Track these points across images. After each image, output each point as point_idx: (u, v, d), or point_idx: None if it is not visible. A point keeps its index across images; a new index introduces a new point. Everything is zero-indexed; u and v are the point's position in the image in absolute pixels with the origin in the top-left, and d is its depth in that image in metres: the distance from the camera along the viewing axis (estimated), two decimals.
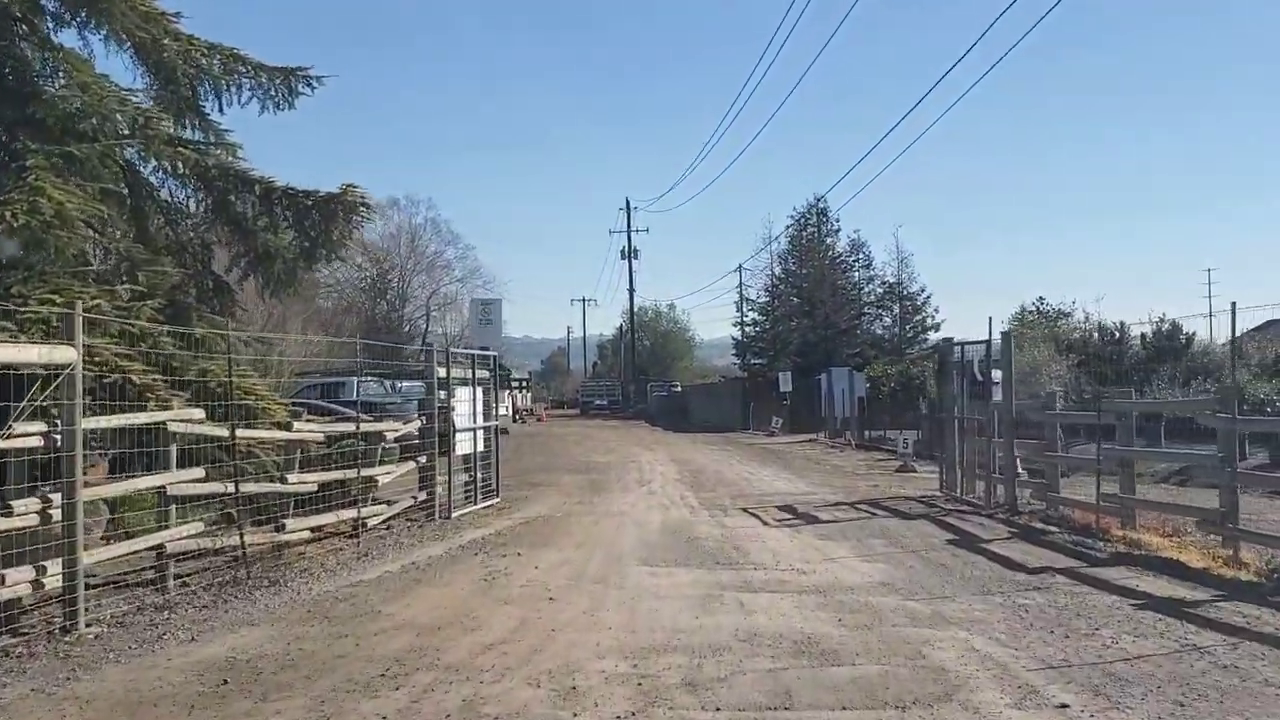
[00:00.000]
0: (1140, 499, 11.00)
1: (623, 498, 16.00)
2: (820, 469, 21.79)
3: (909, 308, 57.85)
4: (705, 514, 13.60)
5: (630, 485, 18.21)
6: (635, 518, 13.38)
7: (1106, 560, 9.40)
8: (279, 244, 14.84)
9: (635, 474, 20.73)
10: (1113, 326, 25.51)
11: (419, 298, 76.37)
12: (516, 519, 13.46)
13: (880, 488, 16.88)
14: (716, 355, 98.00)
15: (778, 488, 17.28)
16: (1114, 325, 25.10)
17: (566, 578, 9.05)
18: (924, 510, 13.45)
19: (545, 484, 18.70)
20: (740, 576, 8.95)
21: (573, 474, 21.01)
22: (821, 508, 14.02)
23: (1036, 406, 13.31)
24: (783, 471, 20.95)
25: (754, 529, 12.04)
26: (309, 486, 10.95)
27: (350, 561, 10.25)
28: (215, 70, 14.96)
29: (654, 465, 23.07)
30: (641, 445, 32.30)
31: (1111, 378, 26.75)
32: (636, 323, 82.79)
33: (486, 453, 15.20)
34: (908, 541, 10.79)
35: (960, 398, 14.22)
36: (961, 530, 11.52)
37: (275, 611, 7.94)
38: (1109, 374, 27.47)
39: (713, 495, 16.07)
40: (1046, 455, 12.67)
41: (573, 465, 23.57)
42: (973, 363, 13.83)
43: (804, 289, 59.98)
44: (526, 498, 16.14)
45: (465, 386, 14.32)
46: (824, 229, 62.64)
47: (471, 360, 14.41)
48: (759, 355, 64.30)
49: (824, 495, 15.75)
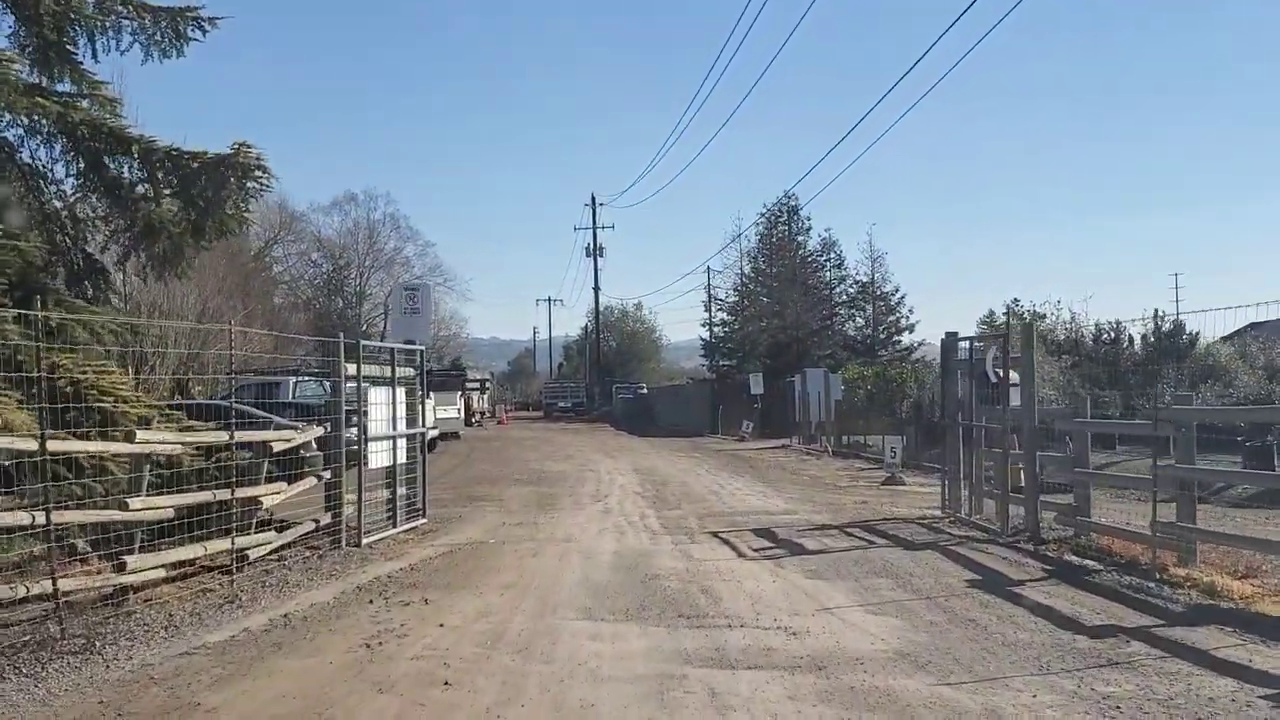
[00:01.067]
0: (1207, 530, 8.89)
1: (573, 517, 13.73)
2: (797, 480, 19.63)
3: (883, 308, 56.02)
4: (668, 540, 11.37)
5: (584, 500, 15.94)
6: (584, 545, 11.12)
7: (1186, 615, 7.26)
8: (163, 215, 12.44)
9: (592, 486, 18.46)
10: (1108, 326, 23.54)
11: (377, 295, 73.67)
12: (440, 546, 11.15)
13: (869, 505, 14.72)
14: (684, 357, 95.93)
15: (752, 504, 15.08)
16: (1109, 325, 23.14)
17: (478, 643, 6.77)
18: (928, 536, 11.29)
19: (487, 498, 16.39)
20: (711, 640, 6.72)
21: (522, 485, 18.71)
22: (806, 532, 11.82)
23: (1064, 413, 11.20)
24: (756, 483, 18.76)
25: (727, 562, 9.81)
26: (163, 512, 8.60)
27: (209, 610, 7.92)
28: (87, 9, 12.57)
29: (614, 475, 20.80)
30: (603, 451, 30.02)
31: (1106, 380, 24.86)
32: (602, 323, 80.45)
33: (411, 465, 12.88)
34: (920, 583, 8.61)
35: (968, 402, 12.09)
36: (982, 567, 9.35)
37: (53, 702, 5.61)
38: (1102, 376, 25.59)
39: (678, 514, 13.84)
40: (1077, 472, 10.55)
41: (524, 475, 21.26)
42: (984, 361, 11.70)
43: (774, 288, 58.07)
44: (460, 517, 13.82)
45: (382, 387, 12.00)
46: (794, 227, 60.84)
47: (391, 355, 12.08)
48: (728, 356, 62.36)
49: (807, 514, 13.56)
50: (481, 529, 12.57)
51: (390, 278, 74.67)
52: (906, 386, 35.42)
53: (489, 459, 27.14)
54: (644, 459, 26.14)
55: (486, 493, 17.33)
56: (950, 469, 12.68)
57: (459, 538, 11.84)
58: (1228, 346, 24.16)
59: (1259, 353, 24.06)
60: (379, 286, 73.73)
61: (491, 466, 24.12)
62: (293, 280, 70.05)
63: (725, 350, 62.84)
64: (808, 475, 20.84)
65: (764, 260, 60.90)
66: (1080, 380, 24.50)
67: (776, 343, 55.12)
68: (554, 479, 20.09)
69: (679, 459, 26.15)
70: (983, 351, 11.93)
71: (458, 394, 31.87)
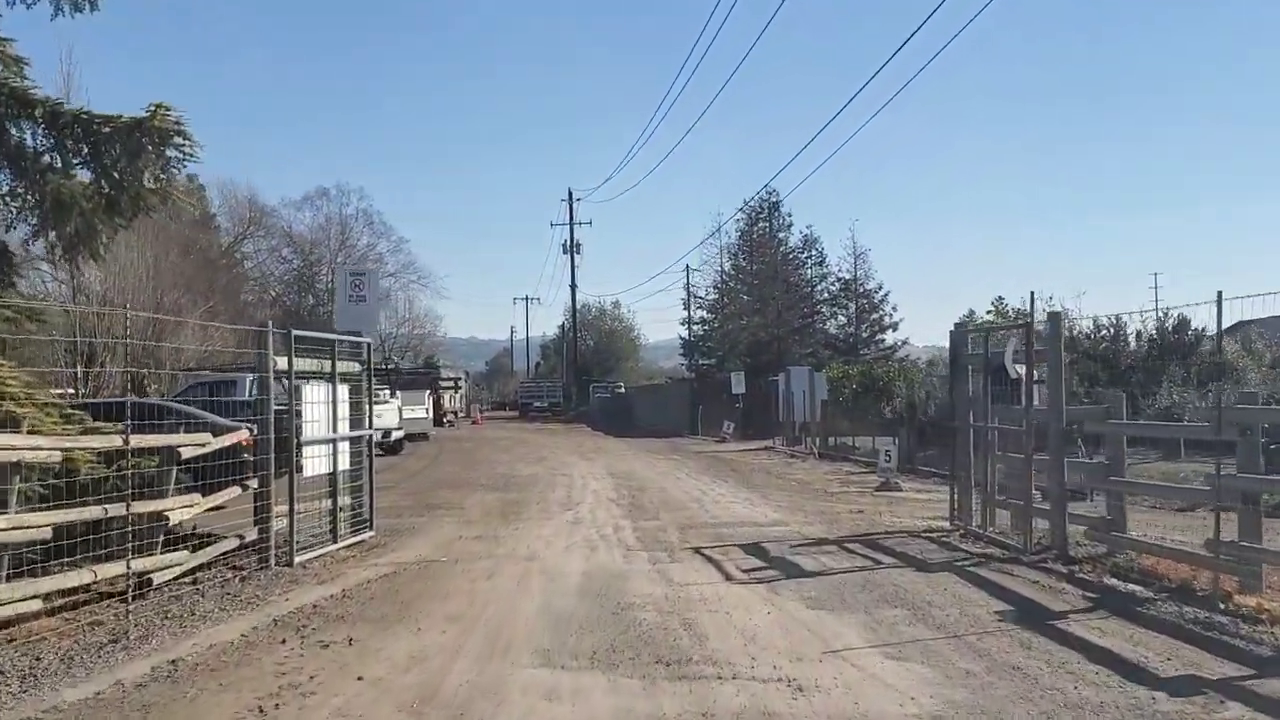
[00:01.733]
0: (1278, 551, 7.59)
1: (540, 529, 12.33)
2: (784, 485, 18.30)
3: (865, 306, 54.81)
4: (644, 558, 9.98)
5: (553, 509, 14.54)
6: (549, 563, 9.72)
7: (1278, 661, 5.95)
8: (73, 190, 10.94)
9: (563, 492, 17.05)
10: (1107, 322, 22.34)
11: None
12: (384, 565, 9.73)
13: (865, 514, 13.39)
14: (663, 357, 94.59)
15: (737, 513, 13.72)
16: (1108, 320, 21.92)
17: (402, 705, 5.37)
18: (941, 554, 9.95)
19: (447, 507, 14.96)
20: (697, 699, 5.35)
21: (487, 491, 17.28)
22: (800, 548, 10.47)
23: (1095, 413, 9.91)
24: (740, 489, 17.41)
25: (713, 587, 8.44)
26: (38, 532, 7.14)
27: (85, 653, 6.48)
28: None
29: (587, 480, 19.40)
30: (578, 453, 28.61)
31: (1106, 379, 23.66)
32: (580, 321, 78.89)
33: (357, 471, 11.45)
34: (942, 615, 7.27)
35: (981, 401, 10.77)
36: (1012, 594, 8.02)
37: None
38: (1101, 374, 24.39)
39: (656, 525, 12.47)
40: (1112, 481, 9.25)
41: (491, 479, 19.83)
42: (1003, 355, 10.38)
43: (754, 286, 56.83)
44: (414, 528, 12.39)
45: (320, 383, 10.56)
46: (776, 223, 59.68)
47: (331, 348, 10.62)
48: (707, 355, 61.07)
49: (799, 526, 12.22)
50: (434, 544, 11.15)
51: None
52: (893, 386, 34.26)
53: (457, 461, 25.68)
54: (621, 462, 24.76)
55: (448, 500, 15.89)
56: (960, 475, 11.36)
57: (407, 555, 10.41)
58: (1232, 343, 23.01)
59: (1265, 349, 22.96)
60: None
61: (458, 470, 22.68)
62: (263, 277, 68.25)
63: (705, 349, 61.57)
64: (795, 480, 19.51)
65: (744, 257, 59.67)
66: (1079, 379, 23.29)
67: (757, 341, 53.92)
68: (523, 484, 18.66)
69: (658, 461, 24.78)
70: (1001, 344, 10.61)
71: (426, 393, 30.37)
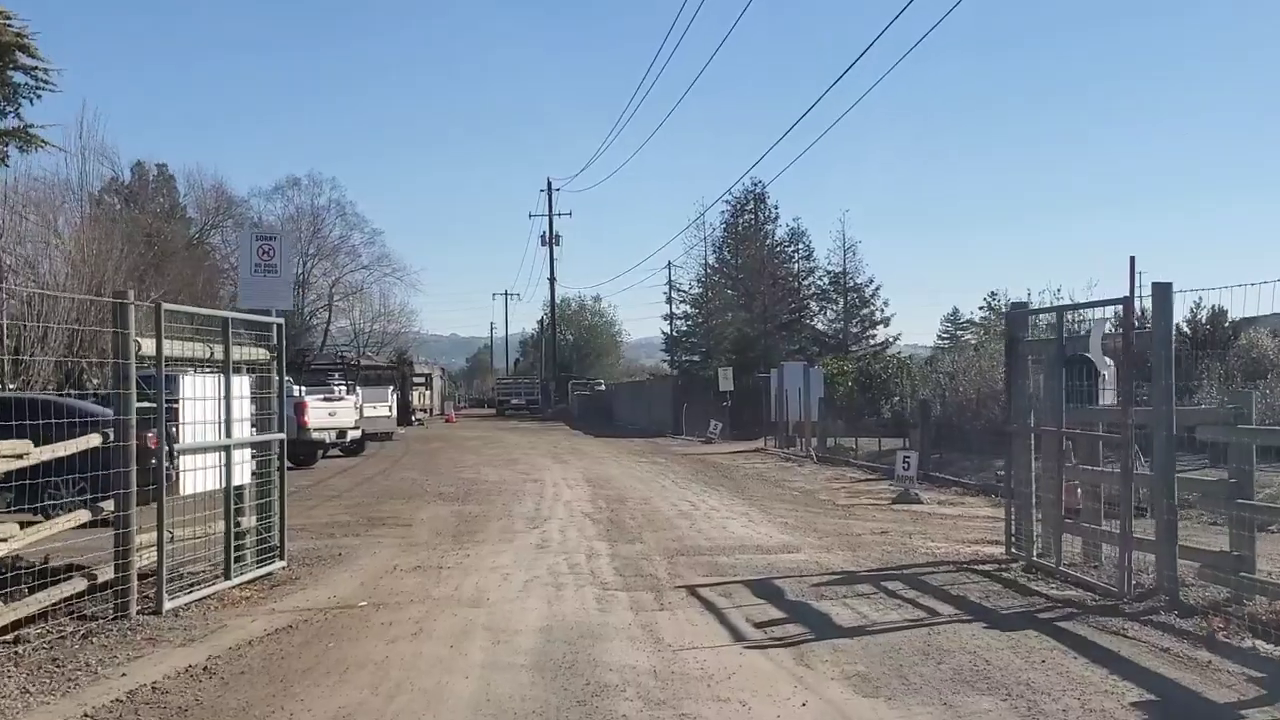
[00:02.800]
0: None
1: (496, 555, 10.00)
2: (785, 495, 16.04)
3: (855, 300, 52.67)
4: (625, 602, 7.68)
5: (517, 527, 12.22)
6: (499, 613, 7.40)
7: None
8: None
9: (531, 503, 14.72)
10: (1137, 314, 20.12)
11: (320, 286, 69.15)
12: (282, 614, 7.38)
13: (891, 535, 11.13)
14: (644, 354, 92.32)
15: (736, 533, 11.45)
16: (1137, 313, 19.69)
17: None
18: (1012, 599, 7.68)
19: (393, 522, 12.61)
20: None
21: (444, 502, 14.94)
22: (825, 585, 8.19)
23: (1217, 415, 7.66)
24: (736, 500, 15.12)
25: (717, 655, 6.13)
26: None
27: None
28: None
29: (560, 488, 17.08)
30: (552, 455, 26.27)
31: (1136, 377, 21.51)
32: (560, 316, 76.47)
33: (264, 486, 9.09)
34: (1057, 710, 4.99)
35: (1055, 398, 8.50)
36: (1141, 669, 5.74)
37: None
38: None
39: (639, 551, 10.17)
40: (1240, 505, 7.00)
41: (453, 486, 17.48)
42: (1084, 341, 8.14)
43: (740, 279, 54.64)
44: (341, 555, 10.05)
45: (206, 375, 8.19)
46: (762, 215, 57.53)
47: (224, 328, 8.23)
48: (691, 351, 58.86)
49: (815, 553, 9.94)
50: (359, 578, 8.81)
51: (335, 267, 70.32)
52: (891, 383, 32.12)
53: (419, 464, 23.31)
54: (599, 465, 22.44)
55: (396, 513, 13.54)
56: (1019, 492, 9.10)
57: (319, 595, 8.07)
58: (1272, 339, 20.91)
59: None
60: (323, 276, 69.28)
61: (418, 474, 20.32)
62: (232, 269, 65.56)
63: (688, 345, 59.37)
64: (795, 488, 17.26)
65: (729, 250, 57.48)
66: None
67: (743, 337, 51.79)
68: (487, 492, 16.32)
69: (640, 465, 22.48)
70: (1076, 328, 8.36)
71: (390, 390, 27.94)
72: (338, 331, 70.90)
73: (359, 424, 24.08)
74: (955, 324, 69.33)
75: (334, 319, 70.00)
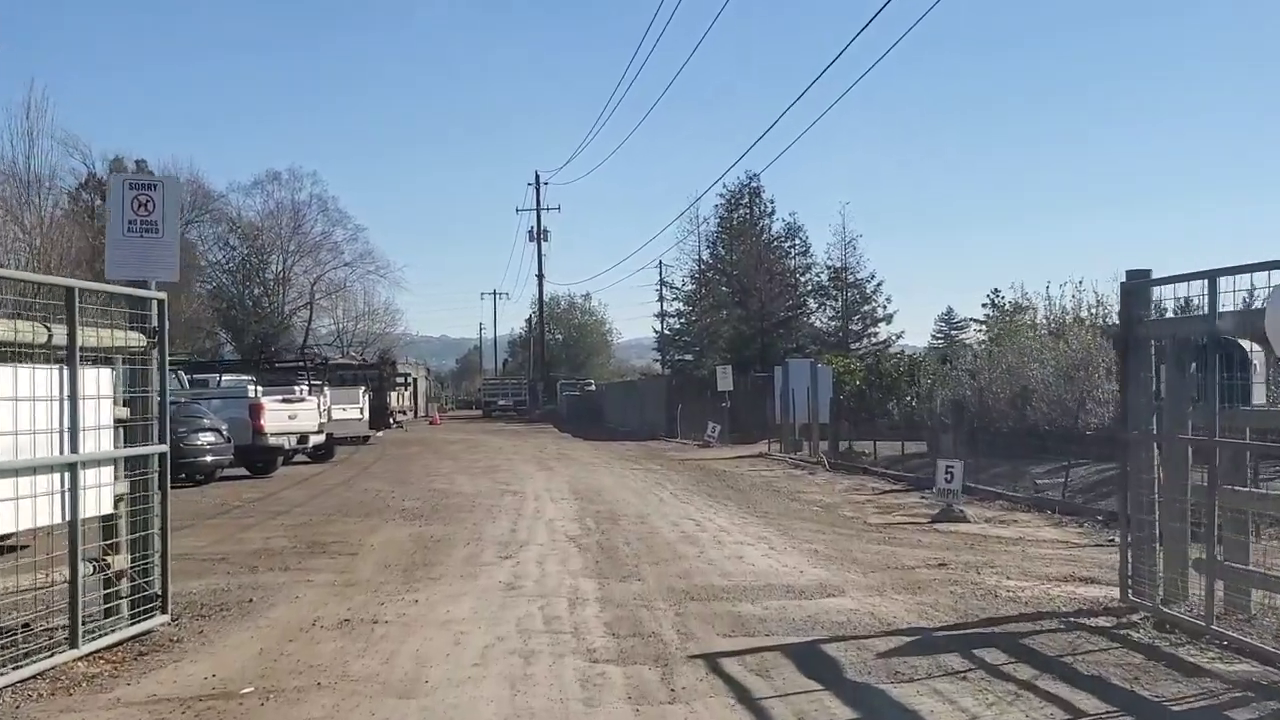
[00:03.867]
0: None
1: (451, 602, 7.73)
2: (803, 510, 13.81)
3: (856, 296, 50.44)
4: (620, 688, 5.43)
5: (485, 556, 9.95)
6: (436, 713, 5.15)
7: None
8: None
9: (506, 523, 12.46)
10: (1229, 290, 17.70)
11: (302, 283, 66.55)
12: (128, 711, 5.11)
13: (950, 569, 8.88)
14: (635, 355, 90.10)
15: (756, 565, 9.20)
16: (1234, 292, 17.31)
17: None
18: (1167, 679, 5.44)
19: (336, 550, 10.35)
20: None
21: (405, 521, 12.68)
22: (894, 655, 5.95)
23: None
24: (748, 517, 12.88)
25: None
26: None
27: None
28: None
29: (543, 502, 14.83)
30: (537, 461, 24.01)
31: None
32: (549, 314, 74.17)
33: (142, 515, 6.80)
34: None
35: (1206, 400, 6.26)
36: None
37: None
38: None
39: (637, 595, 7.91)
40: None
41: (418, 500, 15.21)
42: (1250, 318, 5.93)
43: (735, 276, 52.42)
44: (253, 601, 7.76)
45: (36, 368, 5.90)
46: (757, 210, 55.36)
47: (68, 302, 5.93)
48: (684, 350, 56.64)
49: (863, 597, 7.70)
50: (262, 641, 6.53)
51: (317, 264, 67.78)
52: (903, 382, 29.93)
53: (389, 472, 21.03)
54: (588, 473, 20.19)
55: (343, 536, 11.28)
56: (1137, 519, 6.87)
57: (194, 672, 5.80)
58: None
59: None
60: (304, 274, 66.71)
61: (386, 484, 18.05)
62: (208, 266, 63.09)
63: (681, 344, 57.16)
64: (813, 501, 15.04)
65: (724, 246, 55.26)
66: None
67: (739, 334, 49.67)
68: (457, 508, 14.06)
69: (633, 473, 20.24)
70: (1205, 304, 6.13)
71: (362, 390, 25.63)
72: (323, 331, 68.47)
73: (325, 428, 21.77)
74: (950, 323, 67.29)
75: (316, 318, 67.58)
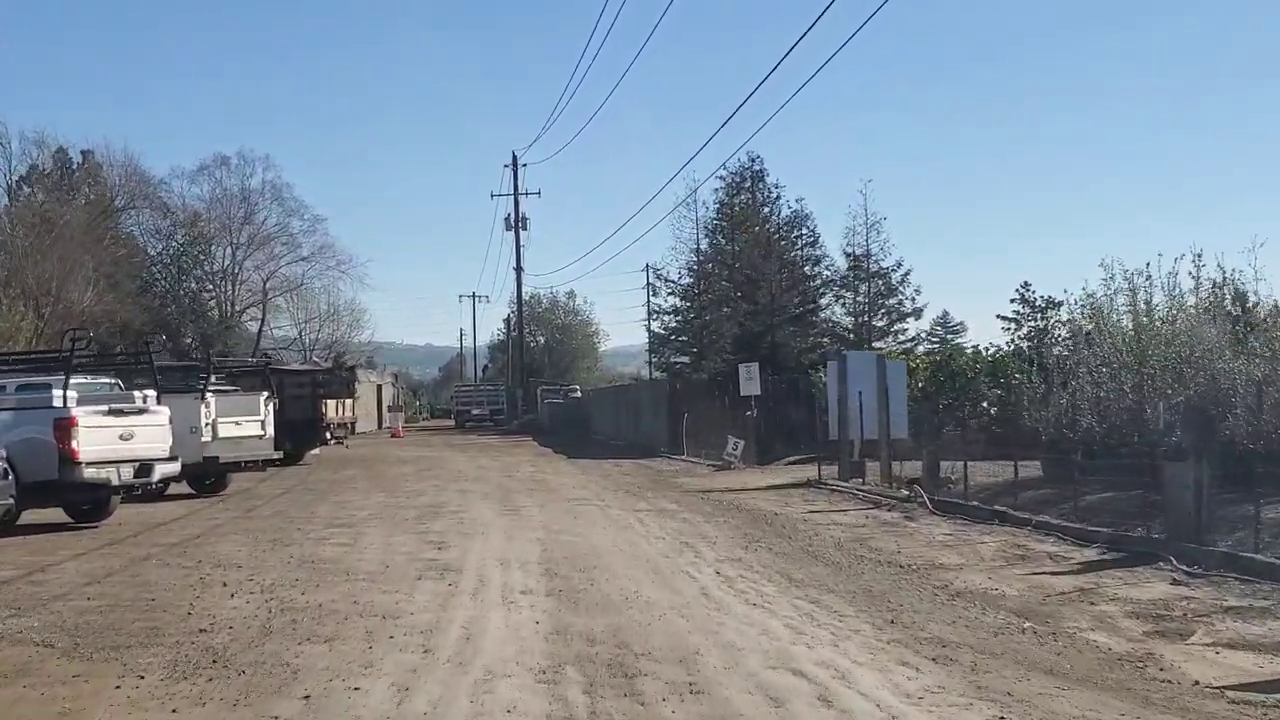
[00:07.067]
0: None
1: None
2: (986, 620, 7.13)
3: (881, 288, 43.74)
4: None
5: None
6: None
7: None
8: None
9: (390, 680, 5.73)
10: None
11: (253, 280, 59.37)
12: None
13: None
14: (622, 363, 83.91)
15: None
16: None
17: None
18: None
19: None
20: None
21: (179, 673, 5.93)
22: None
23: None
24: (907, 652, 6.19)
25: None
26: None
27: None
28: None
29: (488, 592, 8.07)
30: (502, 495, 17.20)
31: None
32: (530, 314, 67.38)
33: None
34: None
35: None
36: None
37: None
38: None
39: None
40: None
41: (257, 600, 8.46)
42: None
43: (737, 267, 45.77)
44: None
45: None
46: (760, 195, 48.65)
47: None
48: (681, 351, 50.03)
49: None
50: None
51: (270, 258, 60.60)
52: (980, 383, 23.35)
53: (277, 520, 14.24)
54: (573, 521, 13.44)
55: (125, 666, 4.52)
56: None
57: None
58: None
59: None
60: (256, 270, 59.53)
61: (249, 549, 11.36)
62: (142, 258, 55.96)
63: (678, 344, 50.52)
64: (982, 594, 8.36)
65: (724, 235, 48.57)
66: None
67: (746, 332, 42.94)
68: (326, 613, 7.30)
69: (641, 521, 13.49)
70: None
71: (263, 398, 18.90)
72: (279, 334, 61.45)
73: (188, 451, 14.99)
74: (946, 326, 61.21)
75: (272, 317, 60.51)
